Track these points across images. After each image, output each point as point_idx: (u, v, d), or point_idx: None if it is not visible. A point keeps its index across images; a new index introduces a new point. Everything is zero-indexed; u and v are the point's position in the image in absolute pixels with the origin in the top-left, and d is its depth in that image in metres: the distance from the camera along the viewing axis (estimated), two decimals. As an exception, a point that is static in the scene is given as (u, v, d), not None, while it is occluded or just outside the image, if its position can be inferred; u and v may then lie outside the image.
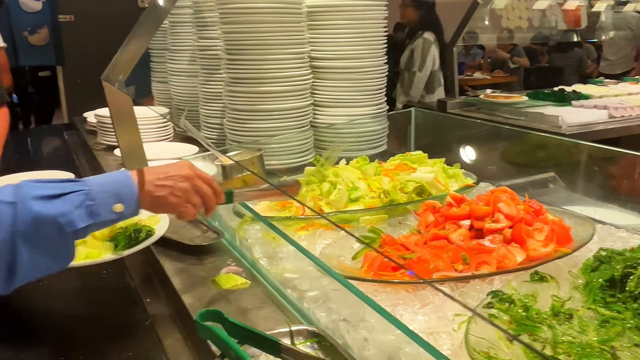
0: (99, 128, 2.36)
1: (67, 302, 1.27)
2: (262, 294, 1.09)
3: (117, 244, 1.22)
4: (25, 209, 0.82)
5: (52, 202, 0.84)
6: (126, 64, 1.46)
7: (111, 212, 0.89)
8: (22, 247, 0.82)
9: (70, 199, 0.85)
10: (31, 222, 0.82)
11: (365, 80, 2.01)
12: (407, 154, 1.59)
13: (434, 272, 0.99)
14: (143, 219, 1.30)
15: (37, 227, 0.83)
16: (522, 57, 7.10)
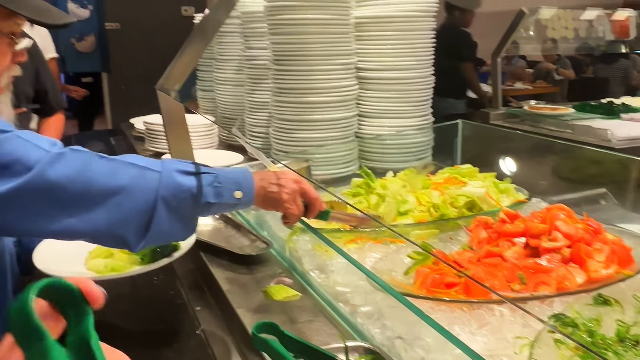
0: (147, 135, 2.41)
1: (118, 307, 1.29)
2: (314, 306, 1.09)
3: (142, 258, 1.21)
4: (169, 177, 0.93)
5: (189, 177, 0.95)
6: (180, 74, 1.49)
7: (232, 197, 0.99)
8: (161, 209, 0.92)
9: (204, 177, 0.96)
10: (172, 189, 0.93)
11: (412, 91, 1.99)
12: (456, 167, 1.57)
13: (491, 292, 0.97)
14: None
15: (177, 194, 0.93)
16: (568, 68, 6.93)
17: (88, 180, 0.89)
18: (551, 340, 0.82)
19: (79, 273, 1.12)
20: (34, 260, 1.13)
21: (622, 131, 2.94)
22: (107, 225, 0.90)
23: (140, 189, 0.91)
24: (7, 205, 0.85)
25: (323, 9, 1.83)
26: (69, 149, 0.91)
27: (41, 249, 1.17)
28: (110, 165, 0.92)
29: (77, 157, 0.90)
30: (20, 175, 0.84)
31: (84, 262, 1.17)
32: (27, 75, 2.27)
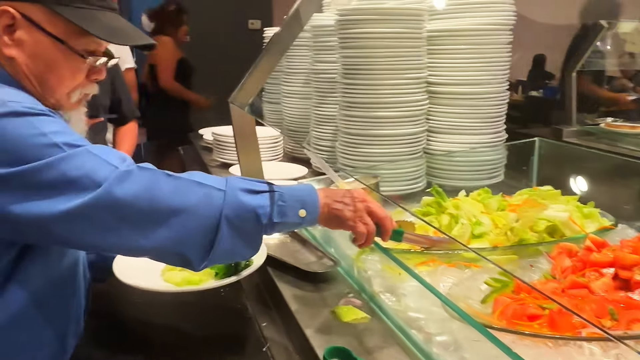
0: (215, 145, 2.45)
1: (184, 317, 1.30)
2: (384, 330, 1.05)
3: (217, 272, 1.23)
4: (233, 196, 0.93)
5: (253, 196, 0.95)
6: (253, 88, 1.50)
7: (296, 215, 0.98)
8: (224, 228, 0.92)
9: (268, 196, 0.96)
10: (236, 208, 0.93)
11: (485, 107, 1.92)
12: (535, 188, 1.49)
13: (581, 328, 0.89)
14: None
15: (240, 213, 0.93)
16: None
17: (154, 198, 0.89)
18: (654, 388, 0.74)
19: (156, 284, 1.14)
20: (114, 270, 1.15)
21: None
22: (171, 244, 0.91)
23: (205, 209, 0.92)
24: (74, 220, 0.86)
25: (396, 22, 1.80)
26: (137, 167, 0.92)
27: (120, 260, 1.20)
28: (176, 184, 0.92)
29: (144, 175, 0.91)
30: (88, 191, 0.86)
31: (161, 274, 1.19)
32: (103, 86, 2.36)
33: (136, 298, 1.27)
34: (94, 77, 1.08)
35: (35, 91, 1.03)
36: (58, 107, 1.06)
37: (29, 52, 1.01)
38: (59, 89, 1.04)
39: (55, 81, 1.03)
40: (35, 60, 1.01)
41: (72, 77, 1.04)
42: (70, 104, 1.08)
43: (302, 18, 1.51)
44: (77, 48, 1.01)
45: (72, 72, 1.04)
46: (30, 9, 0.98)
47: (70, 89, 1.05)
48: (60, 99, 1.06)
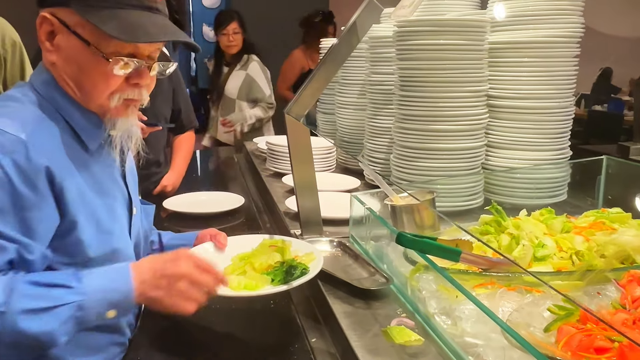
0: (269, 155, 2.47)
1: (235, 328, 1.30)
2: (438, 355, 1.00)
3: (273, 279, 1.21)
4: (12, 322, 0.85)
5: (40, 317, 0.87)
6: (309, 100, 1.50)
7: (102, 317, 0.94)
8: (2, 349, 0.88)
9: (60, 312, 0.89)
10: (15, 337, 0.86)
11: (549, 122, 1.84)
12: (604, 210, 1.41)
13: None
14: (300, 256, 1.29)
15: (19, 341, 0.87)
16: None
17: None
18: None
19: None
20: None
21: None
22: None
23: None
24: None
25: (456, 34, 1.76)
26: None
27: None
28: None
29: None
30: None
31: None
32: (165, 95, 2.41)
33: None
34: (135, 81, 1.04)
35: (77, 96, 1.04)
36: (102, 113, 1.06)
37: (65, 56, 1.01)
38: (94, 93, 1.03)
39: (89, 85, 1.02)
40: (71, 64, 1.02)
41: (105, 80, 1.02)
42: (111, 109, 1.06)
43: (360, 30, 1.49)
44: (106, 50, 0.99)
45: (103, 76, 1.01)
46: (65, 14, 0.99)
47: (106, 93, 1.03)
48: (101, 104, 1.05)
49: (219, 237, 1.34)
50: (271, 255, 1.23)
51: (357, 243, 1.54)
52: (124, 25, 0.97)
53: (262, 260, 1.21)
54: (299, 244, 1.34)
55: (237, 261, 1.25)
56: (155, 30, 1.00)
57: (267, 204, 2.20)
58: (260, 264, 1.21)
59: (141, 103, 1.11)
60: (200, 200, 2.18)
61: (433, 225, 1.44)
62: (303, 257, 1.24)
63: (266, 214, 2.13)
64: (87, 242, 1.03)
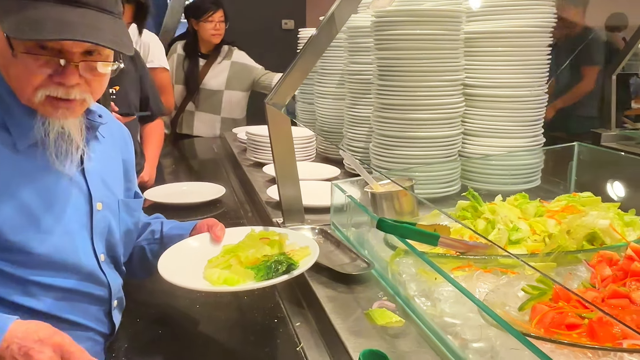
0: (249, 145, 2.48)
1: (219, 314, 1.32)
2: (418, 335, 1.04)
3: (256, 274, 1.17)
4: None
5: None
6: (289, 89, 1.52)
7: None
8: None
9: None
10: None
11: (523, 110, 1.89)
12: (575, 194, 1.46)
13: (622, 339, 0.87)
14: (294, 250, 1.25)
15: None
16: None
17: None
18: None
19: (194, 282, 1.14)
20: (159, 268, 1.16)
21: None
22: None
23: None
24: None
25: (433, 24, 1.79)
26: None
27: (166, 257, 1.21)
28: None
29: None
30: None
31: (203, 270, 1.19)
32: (134, 84, 2.39)
33: (175, 293, 1.30)
34: (57, 80, 0.99)
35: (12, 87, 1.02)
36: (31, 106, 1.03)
37: None
38: (19, 86, 1.01)
39: (14, 78, 1.00)
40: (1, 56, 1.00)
41: (27, 75, 0.98)
42: (37, 104, 1.01)
43: (338, 20, 1.51)
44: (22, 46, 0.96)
45: (23, 70, 0.98)
46: None
47: (30, 88, 0.99)
48: (28, 98, 1.01)
49: (216, 229, 1.31)
50: (260, 249, 1.21)
51: (339, 230, 1.57)
52: (27, 21, 0.93)
53: (249, 254, 1.19)
54: (297, 237, 1.30)
55: (224, 253, 1.23)
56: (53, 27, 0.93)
57: (249, 194, 2.21)
58: (246, 257, 1.19)
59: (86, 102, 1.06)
60: (181, 190, 2.19)
61: (412, 211, 1.48)
62: (298, 252, 1.21)
63: (248, 204, 2.15)
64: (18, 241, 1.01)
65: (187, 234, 1.35)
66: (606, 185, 1.65)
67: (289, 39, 5.33)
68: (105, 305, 1.17)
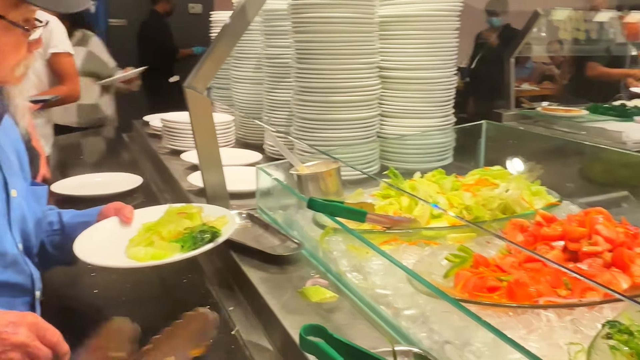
0: (165, 132, 2.40)
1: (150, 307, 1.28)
2: (352, 308, 1.08)
3: (183, 245, 1.17)
4: None
5: None
6: (209, 72, 1.48)
7: None
8: None
9: None
10: None
11: (434, 91, 1.98)
12: (486, 168, 1.56)
13: (537, 297, 0.95)
14: (212, 220, 1.26)
15: None
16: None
17: None
18: (607, 347, 0.80)
19: (120, 261, 1.10)
20: (75, 250, 1.11)
21: (637, 134, 2.93)
22: None
23: None
24: None
25: (348, 7, 1.82)
26: None
27: (82, 239, 1.16)
28: None
29: None
30: None
31: (125, 251, 1.15)
32: None
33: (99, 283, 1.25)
34: (34, 47, 1.03)
35: None
36: (3, 83, 1.02)
37: None
38: (2, 65, 0.99)
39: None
40: None
41: (16, 50, 1.00)
42: (14, 78, 1.03)
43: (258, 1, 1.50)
44: (16, 20, 0.96)
45: (14, 46, 0.99)
46: None
47: (14, 63, 1.01)
48: (5, 75, 1.01)
49: (125, 211, 1.28)
50: (180, 222, 1.20)
51: (266, 214, 1.57)
52: None
53: (170, 228, 1.18)
54: (210, 209, 1.31)
55: (143, 232, 1.20)
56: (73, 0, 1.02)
57: (168, 183, 2.15)
58: (168, 232, 1.17)
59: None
60: (95, 182, 2.08)
61: (337, 191, 1.51)
62: (215, 222, 1.22)
63: (167, 193, 2.08)
64: None
65: (93, 220, 1.29)
66: (512, 159, 1.77)
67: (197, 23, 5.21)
68: (29, 296, 1.11)
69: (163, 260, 1.11)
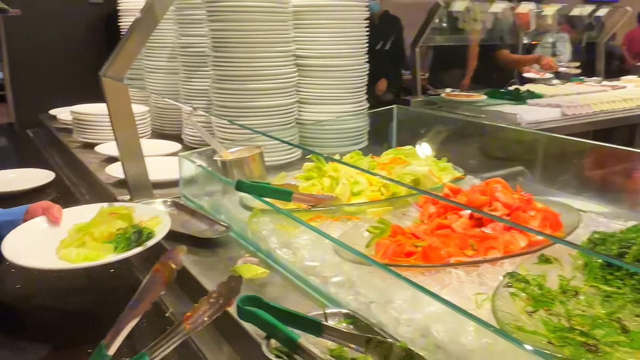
0: (76, 125, 2.31)
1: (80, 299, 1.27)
2: (283, 281, 1.14)
3: (116, 246, 1.19)
4: None
5: None
6: (125, 61, 1.47)
7: None
8: None
9: None
10: None
11: (348, 78, 2.08)
12: (399, 148, 1.67)
13: (448, 258, 1.07)
14: (144, 221, 1.29)
15: None
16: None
17: None
18: (507, 294, 0.93)
19: (51, 262, 1.09)
20: (3, 250, 1.08)
21: (530, 115, 3.23)
22: None
23: None
24: None
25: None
26: None
27: (10, 239, 1.13)
28: None
29: None
30: None
31: (55, 252, 1.14)
32: None
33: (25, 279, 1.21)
34: None
35: None
36: None
37: None
38: None
39: None
40: None
41: None
42: None
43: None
44: None
45: None
46: None
47: None
48: None
49: (52, 210, 1.26)
50: (112, 223, 1.20)
51: (191, 201, 1.59)
52: None
53: (102, 229, 1.18)
54: (143, 209, 1.32)
55: (74, 233, 1.20)
56: None
57: (83, 176, 2.09)
58: (100, 233, 1.17)
59: None
60: (5, 179, 1.98)
61: (261, 175, 1.57)
62: (148, 222, 1.23)
63: (83, 187, 2.03)
64: None
65: (20, 219, 1.27)
66: (421, 140, 1.91)
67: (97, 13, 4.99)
68: None
69: (96, 262, 1.11)
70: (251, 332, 0.93)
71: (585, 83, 4.53)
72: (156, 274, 0.88)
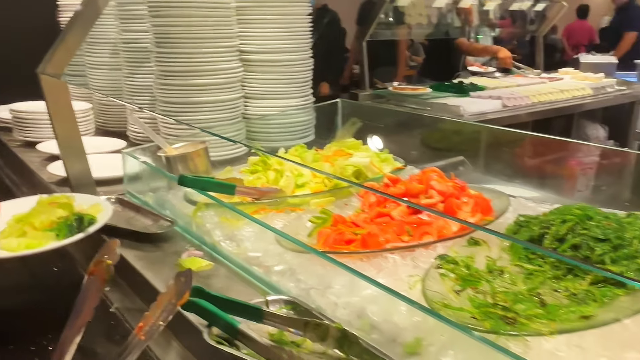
0: (16, 124, 2.25)
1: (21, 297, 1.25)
2: (228, 272, 1.16)
3: (58, 234, 1.19)
4: None
5: None
6: (64, 56, 1.45)
7: None
8: None
9: None
10: None
11: (293, 73, 2.11)
12: (341, 141, 1.72)
13: (385, 244, 1.12)
14: (85, 208, 1.29)
15: None
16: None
17: None
18: (437, 275, 0.98)
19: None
20: None
21: (472, 107, 3.35)
22: None
23: None
24: None
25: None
26: None
27: None
28: None
29: None
30: None
31: None
32: None
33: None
34: None
35: None
36: None
37: None
38: None
39: None
40: None
41: None
42: None
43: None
44: None
45: None
46: None
47: None
48: None
49: None
50: (52, 212, 1.20)
51: (135, 197, 1.59)
52: None
53: (43, 219, 1.17)
54: (82, 198, 1.32)
55: (14, 223, 1.19)
56: None
57: (24, 175, 2.04)
58: (40, 222, 1.17)
59: None
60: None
61: (206, 170, 1.58)
62: (89, 210, 1.24)
63: (25, 186, 1.98)
64: None
65: None
66: (365, 132, 1.96)
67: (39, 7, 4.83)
68: None
69: (39, 249, 1.10)
70: (195, 323, 0.95)
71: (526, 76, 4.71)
72: (91, 278, 0.89)
